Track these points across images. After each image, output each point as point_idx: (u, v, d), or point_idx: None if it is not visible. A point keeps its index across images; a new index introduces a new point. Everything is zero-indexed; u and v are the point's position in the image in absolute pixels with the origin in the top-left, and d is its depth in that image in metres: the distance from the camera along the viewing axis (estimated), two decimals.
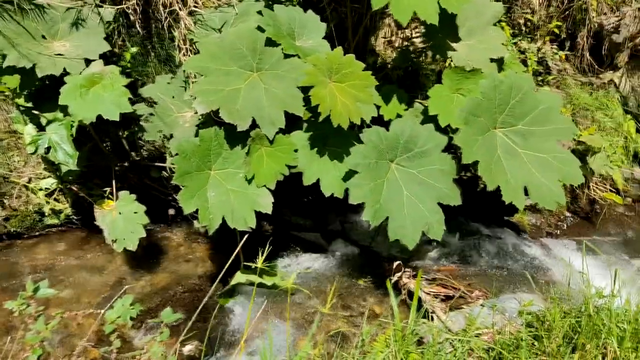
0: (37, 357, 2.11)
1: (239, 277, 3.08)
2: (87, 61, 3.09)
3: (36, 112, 3.16)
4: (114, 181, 3.44)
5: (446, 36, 3.41)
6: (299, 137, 3.07)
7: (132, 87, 3.42)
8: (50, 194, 3.68)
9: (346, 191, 2.92)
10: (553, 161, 3.09)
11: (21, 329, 2.19)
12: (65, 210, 3.73)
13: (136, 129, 3.56)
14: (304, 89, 2.90)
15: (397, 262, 3.46)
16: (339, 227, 4.03)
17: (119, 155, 3.72)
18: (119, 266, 3.55)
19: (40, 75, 2.93)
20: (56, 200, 3.71)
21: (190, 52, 3.64)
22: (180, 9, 3.57)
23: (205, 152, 2.97)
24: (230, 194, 2.96)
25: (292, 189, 3.12)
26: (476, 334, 2.62)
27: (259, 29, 3.04)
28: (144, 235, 3.22)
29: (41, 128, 3.13)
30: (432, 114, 3.11)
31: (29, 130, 3.16)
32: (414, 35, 4.31)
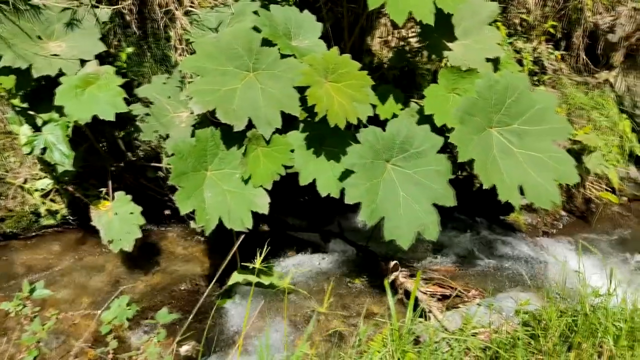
0: (34, 358, 2.11)
1: (236, 277, 3.07)
2: (82, 62, 3.09)
3: (32, 112, 3.15)
4: (110, 181, 3.43)
5: (442, 36, 3.41)
6: (295, 137, 3.06)
7: (128, 87, 3.41)
8: (46, 195, 3.67)
9: (342, 191, 2.91)
10: (548, 160, 3.09)
11: (17, 330, 2.19)
12: (61, 210, 3.73)
13: (132, 129, 3.56)
14: (301, 89, 2.89)
15: (394, 262, 3.47)
16: (336, 227, 4.03)
17: (115, 156, 3.71)
18: (115, 267, 3.54)
19: (36, 76, 2.93)
20: (52, 200, 3.70)
21: (186, 52, 3.64)
22: (176, 9, 3.56)
23: (201, 153, 2.96)
24: (227, 195, 2.96)
25: (288, 189, 3.11)
26: (473, 333, 2.63)
27: (255, 29, 3.04)
28: (140, 235, 3.22)
29: (37, 129, 3.12)
30: (427, 114, 3.11)
31: (24, 130, 3.15)
32: (410, 35, 4.32)
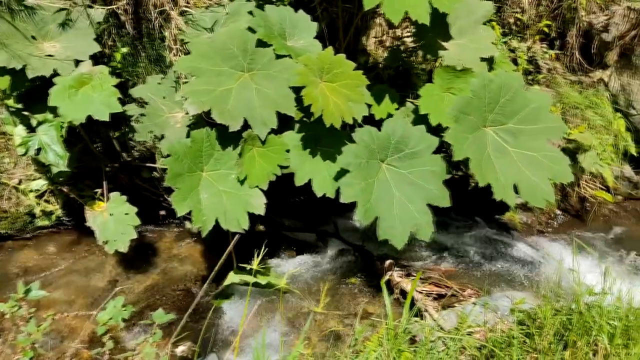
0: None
1: (232, 278, 3.07)
2: (77, 62, 3.08)
3: (26, 113, 3.14)
4: (104, 182, 3.43)
5: (437, 35, 3.42)
6: (291, 137, 3.06)
7: (123, 87, 3.41)
8: (40, 196, 3.67)
9: (338, 190, 2.91)
10: (543, 159, 3.10)
11: (12, 331, 2.18)
12: (56, 211, 3.72)
13: (127, 130, 3.55)
14: (296, 89, 2.89)
15: (389, 261, 3.48)
16: (332, 227, 4.04)
17: (109, 156, 3.71)
18: (110, 267, 3.54)
19: (31, 77, 2.92)
20: (47, 201, 3.69)
21: (181, 52, 3.63)
22: (171, 9, 3.56)
23: (196, 153, 2.95)
24: (223, 195, 2.95)
25: (284, 190, 3.11)
26: (468, 332, 2.64)
27: (250, 29, 3.03)
28: (135, 236, 3.22)
29: (31, 129, 3.11)
30: (423, 113, 3.11)
31: (19, 131, 3.14)
32: (405, 34, 4.32)
